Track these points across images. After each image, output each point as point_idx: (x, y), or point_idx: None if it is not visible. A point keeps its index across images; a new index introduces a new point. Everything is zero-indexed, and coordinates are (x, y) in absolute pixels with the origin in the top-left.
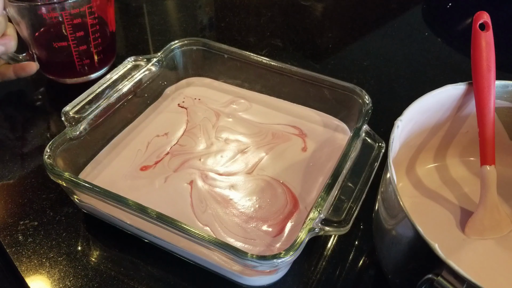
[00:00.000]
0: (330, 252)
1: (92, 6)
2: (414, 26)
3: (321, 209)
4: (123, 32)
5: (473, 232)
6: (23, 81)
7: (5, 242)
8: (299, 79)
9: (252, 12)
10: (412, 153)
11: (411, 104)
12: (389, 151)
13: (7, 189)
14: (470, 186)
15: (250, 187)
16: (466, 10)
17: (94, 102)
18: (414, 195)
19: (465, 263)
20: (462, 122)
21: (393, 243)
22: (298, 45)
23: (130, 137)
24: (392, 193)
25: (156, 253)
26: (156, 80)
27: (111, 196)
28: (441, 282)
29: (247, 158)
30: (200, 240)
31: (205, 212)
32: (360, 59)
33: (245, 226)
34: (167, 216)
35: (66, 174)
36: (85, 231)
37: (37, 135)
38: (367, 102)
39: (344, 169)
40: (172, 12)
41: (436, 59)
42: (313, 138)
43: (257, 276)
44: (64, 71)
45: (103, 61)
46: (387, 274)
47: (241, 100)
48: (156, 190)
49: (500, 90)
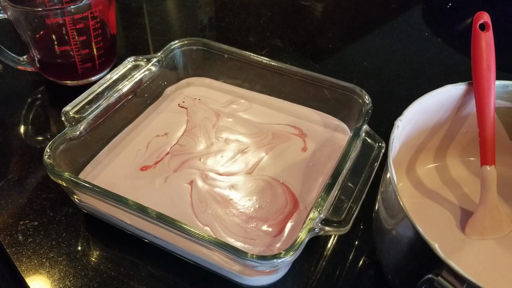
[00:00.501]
0: (330, 252)
1: (94, 10)
2: (414, 26)
3: (321, 209)
4: (123, 32)
5: (473, 232)
6: (23, 81)
7: (5, 242)
8: (299, 79)
9: (252, 12)
10: (412, 153)
11: (411, 104)
12: (389, 151)
13: (7, 189)
14: (470, 186)
15: (250, 187)
16: (466, 10)
17: (94, 102)
18: (414, 195)
19: (465, 263)
20: (462, 122)
21: (393, 243)
22: (298, 45)
23: (130, 137)
24: (392, 193)
25: (156, 253)
26: (156, 80)
27: (111, 196)
28: (441, 282)
29: (247, 158)
30: (200, 240)
31: (205, 212)
32: (360, 59)
33: (245, 226)
34: (167, 216)
35: (66, 174)
36: (85, 231)
37: (37, 135)
38: (367, 102)
39: (344, 169)
40: (172, 12)
41: (436, 59)
42: (313, 138)
43: (257, 276)
44: (66, 74)
45: (105, 64)
46: (387, 274)
47: (241, 100)
48: (156, 190)
49: (500, 90)
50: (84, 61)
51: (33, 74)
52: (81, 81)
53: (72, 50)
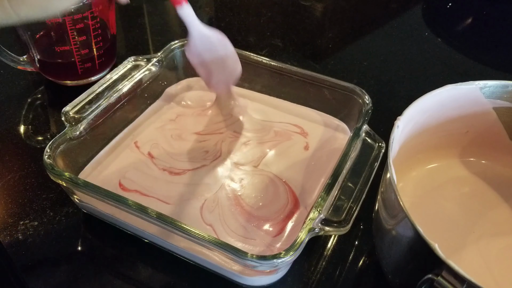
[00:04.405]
0: (330, 252)
1: (94, 10)
2: (414, 26)
3: (321, 209)
4: (123, 32)
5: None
6: (23, 81)
7: (5, 242)
8: (299, 79)
9: (252, 12)
10: (412, 153)
11: (411, 104)
12: (389, 151)
13: (7, 189)
14: (470, 186)
15: (256, 183)
16: (466, 10)
17: (94, 102)
18: (414, 195)
19: (465, 263)
20: (462, 122)
21: (393, 243)
22: (298, 45)
23: (130, 138)
24: (392, 193)
25: (156, 253)
26: (156, 80)
27: (111, 196)
28: (441, 282)
29: (252, 150)
30: (200, 240)
31: (212, 212)
32: (360, 59)
33: (247, 225)
34: (167, 216)
35: (66, 174)
36: (85, 231)
37: (37, 135)
38: (367, 102)
39: (344, 169)
40: (172, 12)
41: (436, 59)
42: (314, 137)
43: (257, 276)
44: (66, 74)
45: (105, 64)
46: (387, 274)
47: (241, 99)
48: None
49: (500, 90)
50: (84, 61)
51: (33, 74)
52: (81, 81)
53: (72, 50)
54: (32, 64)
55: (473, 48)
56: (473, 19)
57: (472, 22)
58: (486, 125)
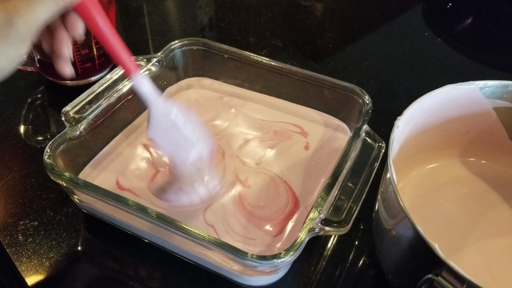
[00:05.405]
0: (330, 252)
1: None
2: (414, 26)
3: (321, 209)
4: (123, 32)
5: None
6: (23, 81)
7: (5, 242)
8: (299, 79)
9: (252, 12)
10: (412, 153)
11: (411, 104)
12: (389, 151)
13: (7, 189)
14: (470, 186)
15: (259, 182)
16: (466, 10)
17: (94, 102)
18: (414, 195)
19: (465, 263)
20: (462, 122)
21: (393, 243)
22: (298, 45)
23: (130, 138)
24: (392, 193)
25: (156, 253)
26: (156, 80)
27: (111, 196)
28: (441, 282)
29: (252, 147)
30: (200, 240)
31: (215, 212)
32: (360, 59)
33: (247, 225)
34: (167, 216)
35: (66, 174)
36: (85, 231)
37: (37, 135)
38: (367, 102)
39: (344, 169)
40: (172, 12)
41: (436, 59)
42: (314, 137)
43: (257, 276)
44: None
45: (105, 64)
46: (387, 274)
47: (241, 100)
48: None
49: (500, 90)
50: (84, 61)
51: (33, 74)
52: (81, 81)
53: (71, 50)
54: (32, 64)
55: (473, 48)
56: (473, 19)
57: (472, 22)
58: (486, 125)
